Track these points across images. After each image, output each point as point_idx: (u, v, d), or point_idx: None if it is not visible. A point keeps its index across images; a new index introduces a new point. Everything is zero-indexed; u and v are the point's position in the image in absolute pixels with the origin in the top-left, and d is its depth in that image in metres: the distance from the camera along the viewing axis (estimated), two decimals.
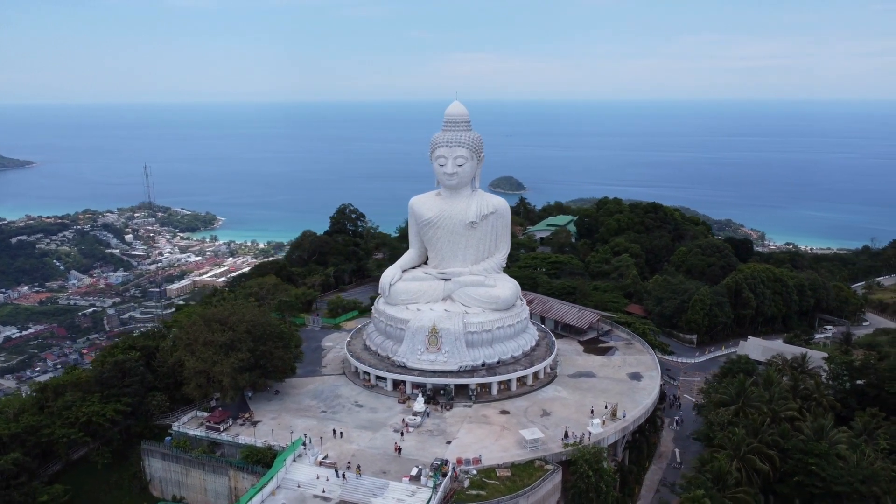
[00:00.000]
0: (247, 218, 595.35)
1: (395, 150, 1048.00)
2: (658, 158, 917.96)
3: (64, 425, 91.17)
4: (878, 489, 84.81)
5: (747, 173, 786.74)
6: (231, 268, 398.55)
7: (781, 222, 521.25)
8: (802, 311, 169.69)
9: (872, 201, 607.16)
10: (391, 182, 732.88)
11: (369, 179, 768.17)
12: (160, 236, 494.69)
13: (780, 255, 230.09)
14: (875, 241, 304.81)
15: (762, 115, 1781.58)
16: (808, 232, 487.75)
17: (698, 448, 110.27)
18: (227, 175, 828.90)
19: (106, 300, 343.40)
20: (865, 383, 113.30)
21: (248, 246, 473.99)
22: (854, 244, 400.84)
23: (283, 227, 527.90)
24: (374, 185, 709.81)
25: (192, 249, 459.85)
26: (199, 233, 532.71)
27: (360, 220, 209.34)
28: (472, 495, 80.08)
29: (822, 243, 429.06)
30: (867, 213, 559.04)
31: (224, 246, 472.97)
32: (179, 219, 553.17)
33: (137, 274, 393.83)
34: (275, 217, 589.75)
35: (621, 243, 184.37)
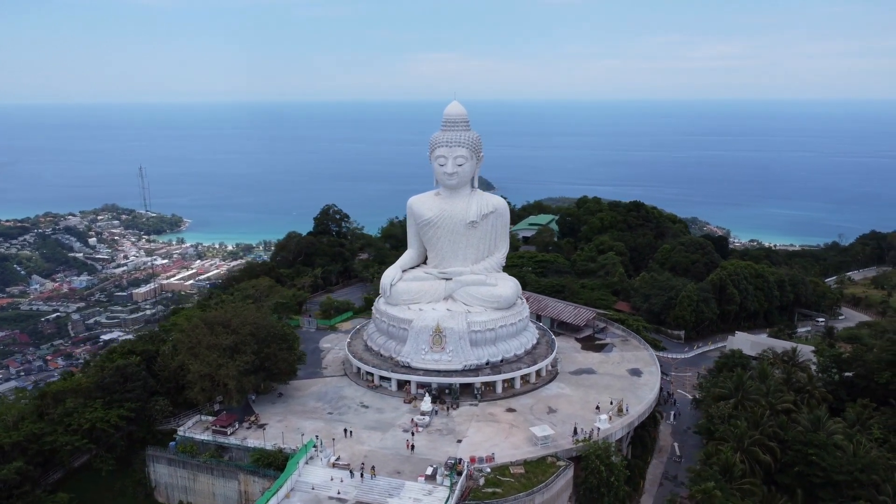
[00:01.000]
0: (213, 220, 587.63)
1: (364, 151, 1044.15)
2: (624, 158, 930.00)
3: (66, 432, 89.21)
4: (877, 477, 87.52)
5: (711, 172, 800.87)
6: (199, 270, 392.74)
7: (745, 220, 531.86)
8: (783, 305, 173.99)
9: (832, 199, 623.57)
10: (361, 183, 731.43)
11: (338, 180, 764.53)
12: (125, 239, 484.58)
13: (755, 251, 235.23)
14: (842, 237, 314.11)
15: (724, 115, 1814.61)
16: (772, 229, 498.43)
17: (696, 442, 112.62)
18: (191, 176, 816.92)
19: (70, 305, 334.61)
20: (854, 375, 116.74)
21: (217, 248, 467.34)
22: (815, 240, 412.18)
23: (252, 229, 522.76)
24: (343, 186, 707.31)
25: (159, 252, 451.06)
26: (165, 235, 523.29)
27: (345, 220, 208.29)
28: (488, 493, 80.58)
29: (785, 240, 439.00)
30: (827, 210, 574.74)
31: (191, 248, 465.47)
32: (145, 221, 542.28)
33: (102, 278, 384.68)
34: (242, 219, 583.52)
35: (606, 241, 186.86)
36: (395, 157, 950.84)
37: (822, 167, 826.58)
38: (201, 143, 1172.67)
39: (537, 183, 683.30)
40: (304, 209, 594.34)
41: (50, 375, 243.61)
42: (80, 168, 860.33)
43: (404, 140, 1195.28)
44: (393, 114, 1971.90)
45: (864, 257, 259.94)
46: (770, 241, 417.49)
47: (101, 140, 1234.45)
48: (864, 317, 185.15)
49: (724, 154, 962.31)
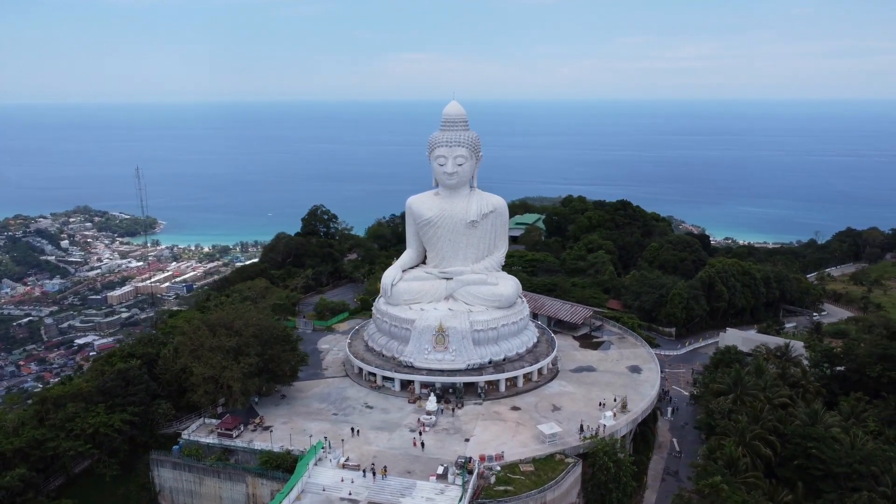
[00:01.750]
0: (189, 221, 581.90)
1: (342, 151, 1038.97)
2: (602, 157, 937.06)
3: (69, 438, 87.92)
4: (875, 468, 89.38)
5: (686, 171, 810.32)
6: (176, 273, 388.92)
7: (720, 218, 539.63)
8: (768, 302, 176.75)
9: (803, 197, 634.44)
10: (340, 183, 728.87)
11: (316, 181, 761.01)
12: (98, 242, 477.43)
13: (738, 249, 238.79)
14: (819, 234, 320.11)
15: (699, 115, 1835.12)
16: (746, 227, 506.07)
17: (694, 437, 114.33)
18: (166, 177, 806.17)
19: (42, 309, 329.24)
20: (846, 369, 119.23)
21: (193, 250, 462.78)
22: (789, 238, 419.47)
23: (228, 230, 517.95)
24: (321, 187, 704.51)
25: (133, 255, 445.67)
26: (139, 237, 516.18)
27: (333, 221, 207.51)
28: (499, 491, 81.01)
29: (759, 237, 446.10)
30: (798, 208, 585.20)
31: (167, 250, 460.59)
32: (118, 223, 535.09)
33: (75, 281, 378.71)
34: (218, 220, 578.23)
35: (595, 240, 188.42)
36: (373, 157, 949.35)
37: (795, 166, 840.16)
38: (176, 143, 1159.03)
39: (516, 182, 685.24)
40: (281, 210, 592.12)
41: (23, 381, 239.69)
42: (51, 169, 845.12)
43: (383, 140, 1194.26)
44: (371, 114, 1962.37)
45: (841, 254, 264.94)
46: (744, 239, 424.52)
47: (72, 141, 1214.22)
48: (847, 312, 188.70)
49: (700, 153, 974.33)
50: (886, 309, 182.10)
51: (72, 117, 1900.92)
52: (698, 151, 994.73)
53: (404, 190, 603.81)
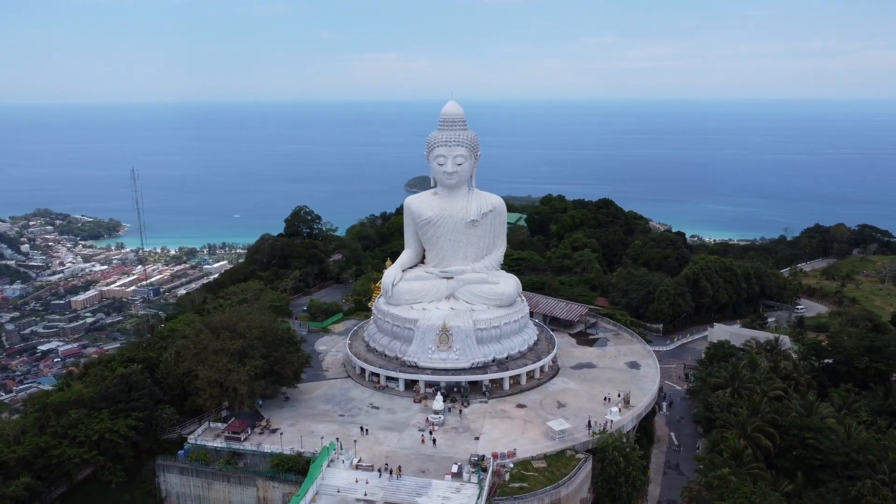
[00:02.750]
0: (153, 223, 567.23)
1: (308, 152, 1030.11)
2: (567, 157, 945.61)
3: (73, 445, 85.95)
4: (872, 457, 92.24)
5: (650, 169, 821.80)
6: (142, 276, 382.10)
7: (685, 216, 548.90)
8: (749, 298, 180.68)
9: (765, 194, 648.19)
10: (308, 184, 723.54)
11: (282, 182, 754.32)
12: (60, 245, 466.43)
13: (714, 246, 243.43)
14: (788, 230, 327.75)
15: (661, 115, 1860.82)
16: (710, 224, 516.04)
17: (691, 431, 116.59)
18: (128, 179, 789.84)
19: (3, 315, 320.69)
20: (834, 361, 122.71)
21: (159, 253, 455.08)
22: (752, 234, 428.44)
23: (194, 232, 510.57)
24: (288, 188, 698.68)
25: (97, 258, 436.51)
26: (102, 241, 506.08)
27: (316, 221, 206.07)
28: (514, 488, 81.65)
29: (723, 235, 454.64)
30: (760, 205, 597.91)
31: (132, 253, 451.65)
32: (80, 226, 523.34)
33: (37, 286, 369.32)
34: (183, 222, 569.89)
35: (580, 239, 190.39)
36: (342, 157, 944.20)
37: (757, 165, 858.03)
38: (137, 144, 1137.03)
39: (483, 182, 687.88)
40: (248, 211, 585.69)
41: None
42: (7, 171, 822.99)
43: (351, 140, 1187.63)
44: (337, 114, 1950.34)
45: (811, 250, 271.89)
46: (710, 237, 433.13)
47: (29, 142, 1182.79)
48: (822, 307, 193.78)
49: (664, 152, 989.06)
50: (861, 303, 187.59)
51: (25, 117, 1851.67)
52: (662, 150, 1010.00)
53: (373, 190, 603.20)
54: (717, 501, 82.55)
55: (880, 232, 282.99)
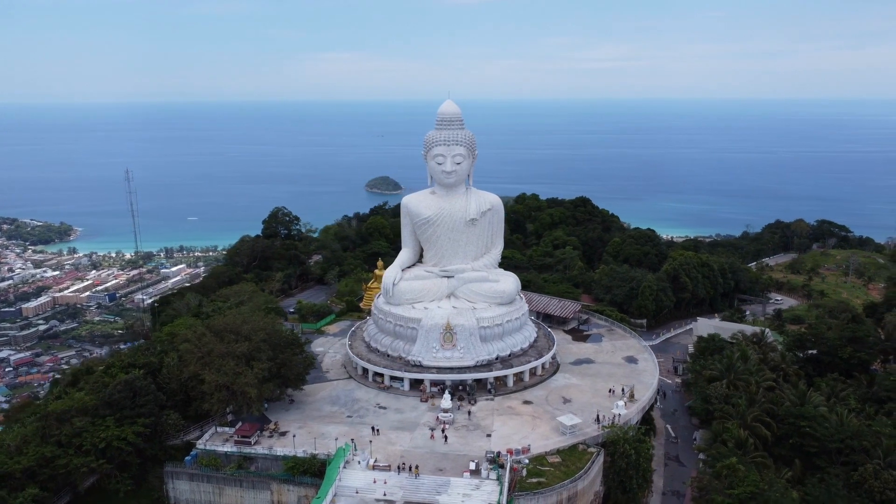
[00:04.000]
0: (107, 227, 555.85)
1: (262, 153, 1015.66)
2: (527, 156, 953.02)
3: (79, 454, 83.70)
4: (867, 443, 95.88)
5: (607, 167, 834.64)
6: (96, 281, 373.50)
7: (641, 213, 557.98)
8: (725, 292, 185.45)
9: (716, 192, 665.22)
10: (267, 185, 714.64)
11: (241, 183, 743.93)
12: (8, 251, 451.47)
13: (685, 242, 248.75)
14: (750, 226, 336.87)
15: (617, 115, 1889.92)
16: (664, 221, 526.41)
17: (686, 422, 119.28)
18: (79, 182, 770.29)
19: None
20: (819, 352, 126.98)
21: (113, 257, 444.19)
22: (707, 231, 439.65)
23: (150, 236, 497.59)
24: (245, 190, 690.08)
25: (49, 264, 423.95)
26: (53, 245, 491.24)
27: (295, 223, 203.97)
28: (532, 483, 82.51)
29: (679, 231, 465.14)
30: (712, 202, 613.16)
31: (85, 258, 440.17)
32: (29, 231, 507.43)
33: None
34: (138, 225, 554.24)
35: (560, 237, 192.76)
36: (299, 158, 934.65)
37: (711, 163, 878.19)
38: (90, 146, 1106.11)
39: None
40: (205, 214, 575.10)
41: None
42: None
43: (308, 141, 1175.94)
44: (293, 114, 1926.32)
45: (773, 245, 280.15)
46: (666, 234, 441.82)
47: None
48: (792, 300, 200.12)
49: (619, 150, 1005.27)
50: (829, 296, 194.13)
51: None
52: (619, 149, 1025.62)
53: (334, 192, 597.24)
54: (726, 490, 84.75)
55: (838, 227, 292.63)
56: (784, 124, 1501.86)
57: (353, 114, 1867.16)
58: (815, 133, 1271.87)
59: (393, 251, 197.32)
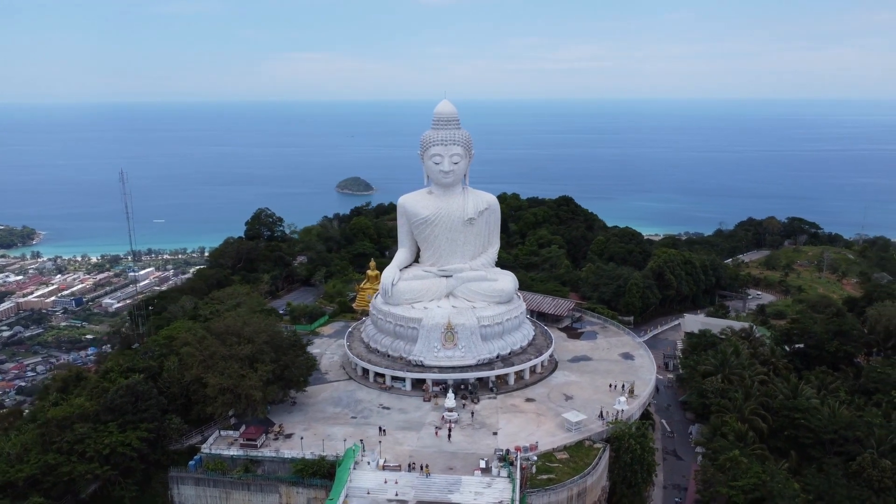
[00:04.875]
0: (71, 230, 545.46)
1: (231, 154, 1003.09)
2: (496, 156, 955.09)
3: (82, 461, 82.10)
4: (860, 433, 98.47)
5: (580, 167, 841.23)
6: (62, 286, 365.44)
7: (614, 212, 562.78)
8: (706, 289, 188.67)
9: (686, 190, 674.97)
10: (232, 187, 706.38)
11: (207, 184, 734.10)
12: None
13: (663, 240, 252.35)
14: (723, 224, 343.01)
15: (586, 114, 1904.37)
16: (638, 220, 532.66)
17: (681, 417, 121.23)
18: (41, 184, 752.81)
19: None
20: (806, 345, 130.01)
21: (79, 261, 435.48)
22: (676, 229, 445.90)
23: (116, 239, 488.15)
24: (211, 191, 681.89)
25: (11, 268, 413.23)
26: (16, 249, 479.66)
27: (278, 224, 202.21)
28: (543, 480, 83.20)
29: (651, 230, 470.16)
30: (683, 201, 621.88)
31: (50, 262, 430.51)
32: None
33: None
34: (104, 228, 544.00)
35: (545, 235, 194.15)
36: (269, 159, 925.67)
37: (677, 162, 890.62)
38: (53, 147, 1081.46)
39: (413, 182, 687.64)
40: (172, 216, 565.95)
41: None
42: None
43: (278, 142, 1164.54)
44: (263, 115, 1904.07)
45: (746, 242, 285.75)
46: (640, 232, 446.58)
47: None
48: (769, 296, 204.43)
49: (591, 150, 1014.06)
50: (806, 291, 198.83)
51: None
52: (588, 149, 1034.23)
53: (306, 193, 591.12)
54: (730, 482, 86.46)
55: (808, 224, 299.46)
56: (749, 123, 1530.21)
57: (322, 114, 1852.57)
58: (780, 132, 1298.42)
59: (377, 252, 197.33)
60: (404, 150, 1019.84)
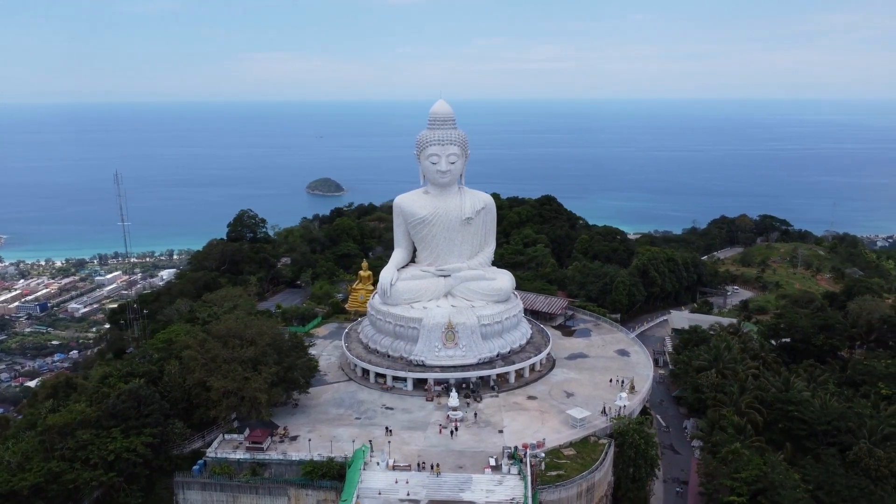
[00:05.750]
0: (34, 234, 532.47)
1: (199, 155, 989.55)
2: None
3: (87, 468, 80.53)
4: (852, 424, 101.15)
5: (547, 167, 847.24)
6: (25, 291, 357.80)
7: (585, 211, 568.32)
8: (688, 286, 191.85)
9: (652, 189, 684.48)
10: (202, 188, 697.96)
11: (173, 187, 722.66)
12: None
13: (642, 238, 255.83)
14: (696, 222, 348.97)
15: (552, 114, 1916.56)
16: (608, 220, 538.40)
17: (674, 412, 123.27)
18: (4, 188, 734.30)
19: None
20: (792, 340, 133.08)
21: (43, 265, 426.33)
22: (644, 228, 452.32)
23: (81, 244, 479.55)
24: (180, 193, 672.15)
25: None
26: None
27: (261, 225, 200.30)
28: (553, 476, 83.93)
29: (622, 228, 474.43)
30: (648, 200, 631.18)
31: (11, 267, 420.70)
32: None
33: None
34: (68, 232, 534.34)
35: (530, 235, 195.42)
36: (238, 160, 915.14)
37: (642, 161, 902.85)
38: (14, 149, 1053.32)
39: (385, 182, 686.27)
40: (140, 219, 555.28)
41: None
42: None
43: (247, 143, 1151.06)
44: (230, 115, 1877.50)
45: (720, 240, 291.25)
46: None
47: None
48: (748, 292, 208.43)
49: (558, 150, 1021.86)
50: (784, 287, 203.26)
51: None
52: (555, 149, 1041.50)
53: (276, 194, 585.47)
54: (733, 475, 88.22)
55: (779, 221, 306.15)
56: (712, 123, 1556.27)
57: (290, 114, 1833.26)
58: (743, 131, 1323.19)
59: (362, 252, 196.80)
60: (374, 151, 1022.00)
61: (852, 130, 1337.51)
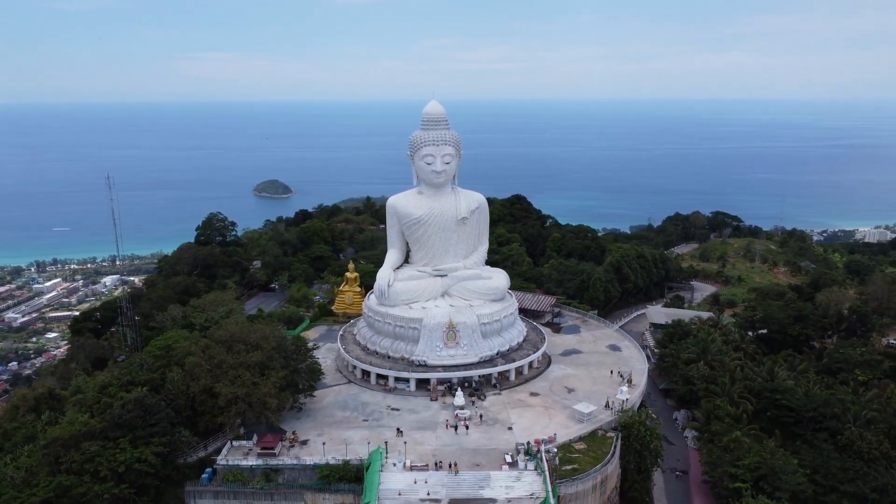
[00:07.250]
0: None
1: (138, 157, 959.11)
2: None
3: (96, 480, 77.90)
4: (837, 410, 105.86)
5: (493, 166, 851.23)
6: None
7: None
8: (657, 281, 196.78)
9: (599, 188, 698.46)
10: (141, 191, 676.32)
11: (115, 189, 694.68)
12: None
13: (605, 235, 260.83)
14: (651, 219, 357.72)
15: (498, 114, 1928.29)
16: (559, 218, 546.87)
17: (662, 404, 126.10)
18: None
19: None
20: (769, 331, 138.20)
21: None
22: (594, 225, 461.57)
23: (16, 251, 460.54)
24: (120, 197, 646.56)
25: None
26: None
27: (231, 228, 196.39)
28: (568, 470, 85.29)
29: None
30: (596, 198, 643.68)
31: None
32: None
33: None
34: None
35: (504, 234, 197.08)
36: (180, 162, 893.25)
37: (588, 160, 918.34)
38: None
39: (333, 183, 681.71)
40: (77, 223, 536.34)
41: None
42: None
43: (189, 145, 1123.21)
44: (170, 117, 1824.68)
45: (676, 236, 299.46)
46: None
47: None
48: (710, 286, 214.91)
49: (505, 150, 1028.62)
50: (746, 281, 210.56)
51: None
52: (503, 148, 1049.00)
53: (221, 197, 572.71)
54: (736, 462, 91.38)
55: (731, 217, 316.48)
56: (655, 123, 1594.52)
57: (235, 115, 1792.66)
58: (683, 131, 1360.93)
59: (335, 254, 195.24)
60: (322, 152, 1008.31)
61: (782, 129, 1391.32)
